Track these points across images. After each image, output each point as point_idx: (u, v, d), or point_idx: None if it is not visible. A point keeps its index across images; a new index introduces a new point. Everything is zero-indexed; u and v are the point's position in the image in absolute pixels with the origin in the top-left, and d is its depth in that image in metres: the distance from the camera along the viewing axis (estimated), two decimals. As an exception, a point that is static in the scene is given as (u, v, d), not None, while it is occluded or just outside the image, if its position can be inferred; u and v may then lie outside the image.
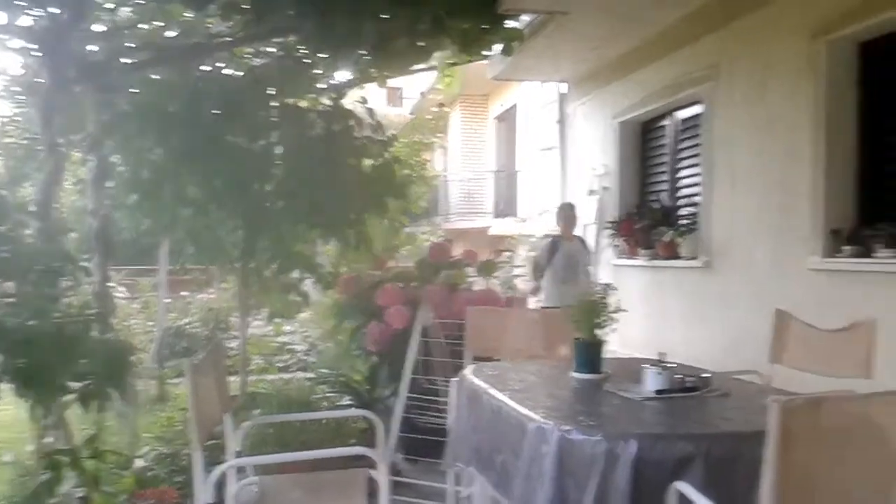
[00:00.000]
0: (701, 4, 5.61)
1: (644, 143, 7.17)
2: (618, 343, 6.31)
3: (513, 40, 4.81)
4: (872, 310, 3.48)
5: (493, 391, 2.83)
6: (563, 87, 8.40)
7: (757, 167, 5.17)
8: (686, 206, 6.32)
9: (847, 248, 4.35)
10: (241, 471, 3.07)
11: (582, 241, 6.84)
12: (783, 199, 4.89)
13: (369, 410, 3.84)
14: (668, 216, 6.43)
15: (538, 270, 6.69)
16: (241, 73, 4.77)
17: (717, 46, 5.60)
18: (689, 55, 5.96)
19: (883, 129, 4.39)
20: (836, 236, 4.46)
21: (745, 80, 5.31)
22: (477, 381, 3.03)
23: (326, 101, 4.82)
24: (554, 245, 6.66)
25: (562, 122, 8.43)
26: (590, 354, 3.12)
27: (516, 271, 12.17)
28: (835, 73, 4.50)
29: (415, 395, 4.58)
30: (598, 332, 3.12)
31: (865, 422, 1.65)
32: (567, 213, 6.80)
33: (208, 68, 4.79)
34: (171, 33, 4.68)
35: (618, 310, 3.11)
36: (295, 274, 5.05)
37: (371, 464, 2.85)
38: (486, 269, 5.50)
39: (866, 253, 4.22)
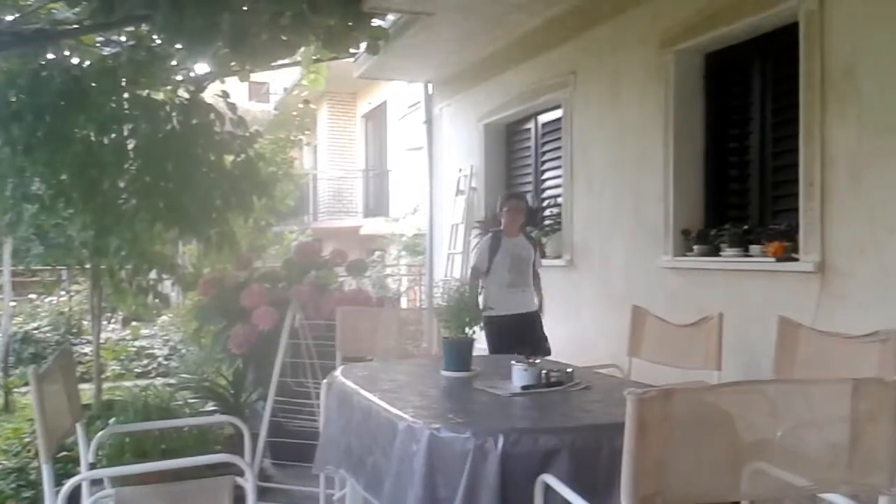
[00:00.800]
0: (558, 12, 5.80)
1: (509, 145, 7.34)
2: (482, 339, 6.43)
3: (378, 39, 4.79)
4: (719, 305, 3.72)
5: (363, 392, 2.81)
6: (430, 88, 8.46)
7: (612, 170, 5.42)
8: (550, 206, 6.52)
9: (696, 247, 4.63)
10: (96, 483, 2.90)
11: (528, 237, 5.57)
12: (637, 201, 5.14)
13: (235, 416, 3.72)
14: (533, 216, 6.60)
15: (476, 275, 5.40)
16: (89, 63, 4.48)
17: (574, 53, 5.82)
18: (549, 61, 6.15)
19: (727, 135, 4.71)
20: (686, 236, 4.74)
21: (600, 87, 5.55)
22: (347, 383, 3.00)
23: (184, 94, 4.62)
24: (494, 242, 5.37)
25: (429, 122, 8.49)
26: (459, 353, 3.15)
27: (388, 270, 12.20)
28: (682, 83, 4.78)
29: (284, 399, 4.48)
30: (466, 330, 3.15)
31: (714, 410, 1.75)
32: (513, 205, 5.46)
33: (52, 56, 4.47)
34: (9, 17, 4.34)
35: (486, 308, 3.16)
36: (153, 275, 4.81)
37: (238, 471, 2.76)
38: (357, 268, 5.46)
39: (713, 252, 4.51)
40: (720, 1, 4.36)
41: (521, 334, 5.03)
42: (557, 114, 6.23)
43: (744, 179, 4.58)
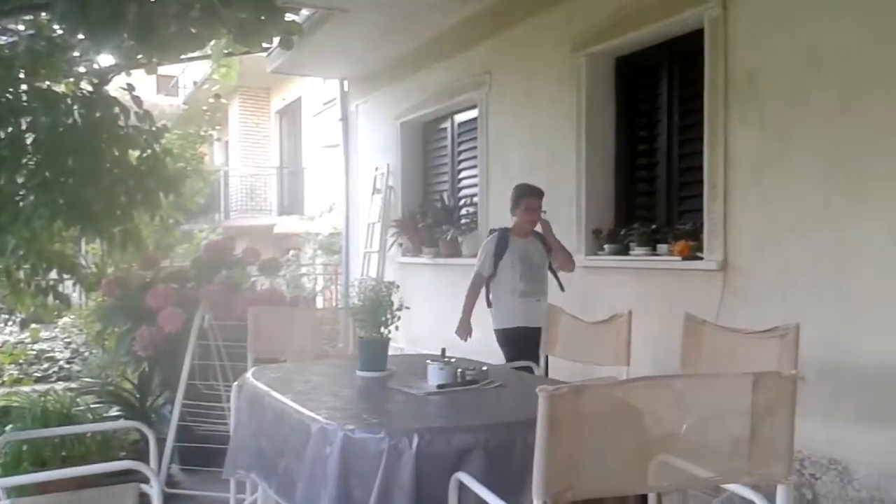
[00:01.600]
0: (473, 12, 5.84)
1: (426, 144, 7.35)
2: (405, 340, 6.43)
3: (292, 34, 4.69)
4: (629, 303, 3.82)
5: (275, 394, 2.75)
6: (346, 85, 8.39)
7: (527, 171, 5.48)
8: (467, 205, 6.56)
9: (607, 246, 4.74)
10: (-11, 496, 2.74)
11: (541, 237, 4.66)
12: (551, 201, 5.20)
13: (141, 421, 3.59)
14: (450, 215, 6.63)
15: (478, 283, 4.67)
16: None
17: (490, 54, 5.87)
18: (465, 60, 6.19)
19: (637, 138, 4.83)
20: (598, 236, 4.85)
21: (515, 88, 5.62)
22: (259, 385, 2.93)
23: (87, 87, 4.41)
24: (500, 243, 4.56)
25: (345, 119, 8.42)
26: (374, 352, 3.13)
27: (304, 269, 12.02)
28: (594, 85, 4.89)
29: (192, 402, 4.35)
30: (382, 329, 3.13)
31: (622, 405, 1.79)
32: (531, 204, 4.54)
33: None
34: None
35: (402, 307, 3.15)
36: (53, 275, 4.58)
37: (143, 478, 2.66)
38: (270, 268, 5.35)
39: (623, 251, 4.63)
40: (629, 6, 4.48)
41: (536, 346, 4.16)
42: (473, 113, 6.27)
43: (652, 181, 4.72)
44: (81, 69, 4.53)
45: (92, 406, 4.66)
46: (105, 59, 4.73)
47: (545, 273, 4.64)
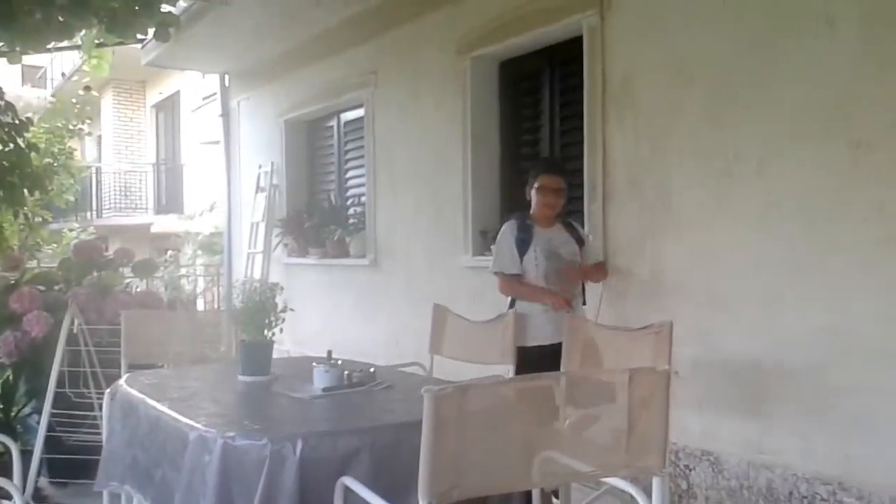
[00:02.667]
0: (358, 11, 5.80)
1: (311, 142, 7.24)
2: (291, 342, 6.30)
3: (168, 26, 4.51)
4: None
5: (150, 401, 2.63)
6: (227, 80, 8.15)
7: (414, 171, 5.50)
8: (354, 205, 6.50)
9: (493, 247, 4.80)
10: None
11: (571, 225, 3.76)
12: (438, 202, 5.26)
13: (4, 433, 3.35)
14: (337, 215, 6.56)
15: (507, 281, 3.69)
16: None
17: (375, 53, 5.85)
18: (350, 59, 6.14)
19: (521, 141, 4.93)
20: (484, 237, 4.91)
21: (401, 89, 5.62)
22: (133, 392, 2.79)
23: (-57, 76, 4.09)
24: (523, 234, 3.61)
25: (226, 115, 8.17)
26: (257, 356, 3.04)
27: (183, 271, 11.59)
28: (478, 89, 4.95)
29: (62, 412, 4.10)
30: (266, 332, 3.05)
31: (507, 403, 1.82)
32: (547, 182, 3.62)
33: None
34: None
35: (286, 309, 3.08)
36: None
37: (6, 494, 2.48)
38: (145, 269, 5.11)
39: (508, 250, 4.70)
40: (511, 12, 4.56)
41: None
42: (360, 113, 6.22)
43: (535, 182, 4.82)
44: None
45: (-54, 419, 4.32)
46: (-39, 46, 4.40)
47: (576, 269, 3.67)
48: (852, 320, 3.01)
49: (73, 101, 8.35)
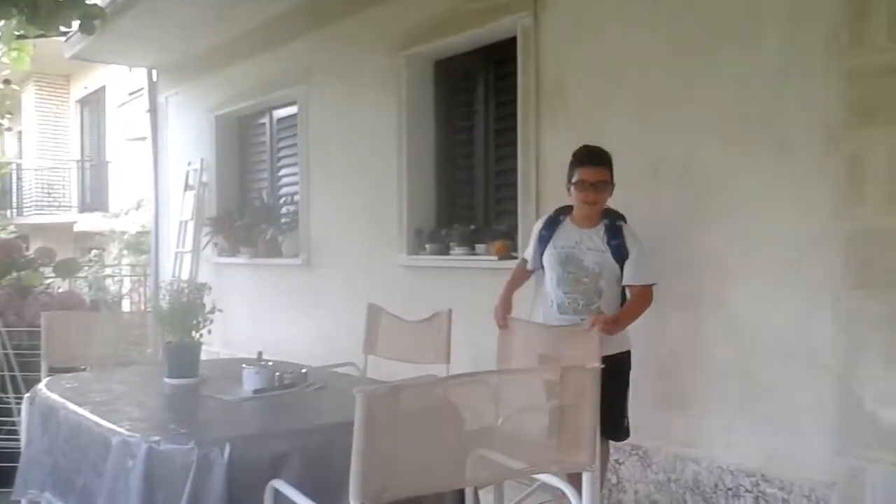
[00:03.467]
0: (290, 7, 5.71)
1: (243, 139, 7.10)
2: (221, 344, 6.17)
3: (94, 18, 4.36)
4: (451, 301, 3.87)
5: (71, 405, 2.54)
6: (154, 75, 7.93)
7: (349, 170, 5.46)
8: (287, 204, 6.41)
9: (428, 246, 4.81)
10: None
11: (619, 232, 3.12)
12: (373, 201, 5.22)
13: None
14: (269, 214, 6.46)
15: (519, 268, 3.44)
16: None
17: (309, 50, 5.78)
18: (283, 55, 6.05)
19: (456, 140, 4.94)
20: (419, 236, 4.91)
21: (336, 87, 5.56)
22: (53, 396, 2.69)
23: None
24: (549, 228, 3.23)
25: (153, 111, 7.95)
26: (184, 358, 2.96)
27: (108, 271, 11.25)
28: (414, 87, 4.94)
29: (-25, 418, 3.93)
30: (193, 333, 2.98)
31: (441, 403, 1.81)
32: (584, 172, 3.10)
33: None
34: None
35: (214, 309, 3.00)
36: None
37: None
38: (68, 269, 4.94)
39: (444, 251, 4.71)
40: (447, 11, 4.57)
41: None
42: (293, 109, 6.14)
43: (471, 182, 4.84)
44: None
45: None
46: None
47: (604, 286, 3.09)
48: (775, 319, 3.11)
49: (-9, 94, 8.00)
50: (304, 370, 2.93)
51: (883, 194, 2.73)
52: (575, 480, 1.99)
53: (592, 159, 3.11)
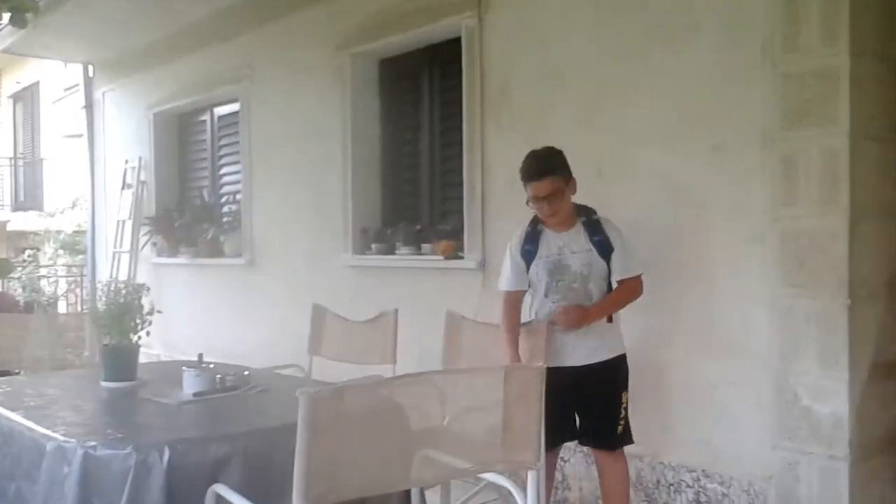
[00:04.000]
0: (232, 2, 5.61)
1: (183, 137, 6.95)
2: (162, 346, 6.04)
3: (25, 11, 4.21)
4: (397, 301, 3.87)
5: (3, 410, 2.47)
6: (91, 70, 7.71)
7: (293, 168, 5.39)
8: (229, 203, 6.30)
9: (374, 245, 4.78)
10: None
11: (598, 226, 2.97)
12: (318, 200, 5.17)
13: None
14: (210, 213, 6.34)
15: (512, 302, 3.05)
16: None
17: (252, 46, 5.69)
18: (225, 51, 5.94)
19: (402, 140, 4.92)
20: (365, 235, 4.87)
21: (280, 83, 5.49)
22: (-18, 402, 2.59)
23: None
24: (529, 239, 3.02)
25: (90, 107, 7.72)
26: (122, 360, 2.90)
27: (43, 271, 10.92)
28: (359, 86, 4.90)
29: None
30: (131, 335, 2.90)
31: (386, 403, 1.80)
32: (532, 189, 2.92)
33: None
34: None
35: (153, 311, 2.94)
36: None
37: None
38: (0, 269, 4.76)
39: (390, 250, 4.69)
40: (391, 9, 4.55)
41: (577, 400, 2.94)
42: (235, 107, 6.03)
43: (416, 182, 4.83)
44: None
45: None
46: None
47: (594, 288, 2.94)
48: (714, 317, 3.18)
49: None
50: (246, 372, 2.89)
51: (815, 195, 2.81)
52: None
53: (534, 175, 2.91)
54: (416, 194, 4.84)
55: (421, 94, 4.76)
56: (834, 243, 2.75)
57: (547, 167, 2.90)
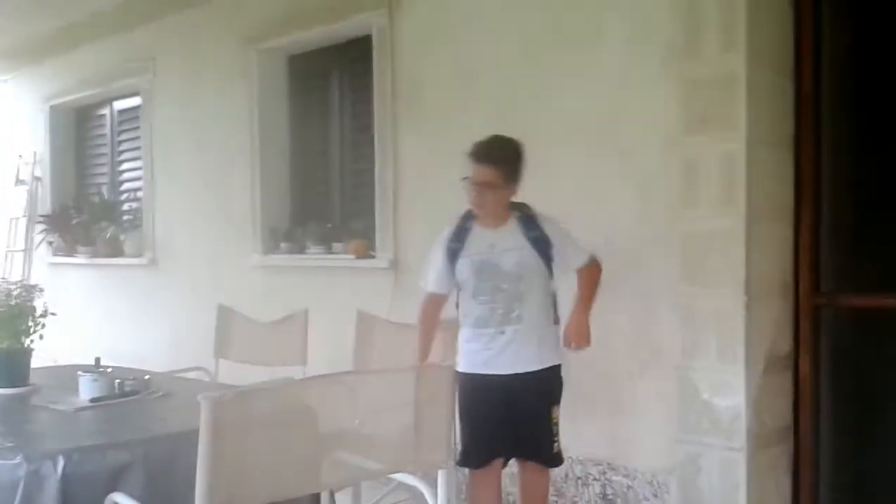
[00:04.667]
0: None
1: (80, 132, 6.65)
2: (57, 350, 5.74)
3: None
4: (307, 301, 3.81)
5: None
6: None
7: (198, 166, 5.24)
8: (129, 200, 6.08)
9: (284, 245, 4.70)
10: None
11: (533, 222, 2.78)
12: (224, 198, 5.04)
13: None
14: (110, 211, 6.10)
15: (433, 305, 2.89)
16: None
17: (154, 39, 5.50)
18: (126, 43, 5.72)
19: (312, 137, 4.85)
20: (274, 234, 4.78)
21: (183, 78, 5.33)
22: None
23: None
24: (458, 239, 2.81)
25: (-20, 99, 7.31)
26: (12, 365, 2.75)
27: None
28: (267, 82, 4.80)
29: None
30: (23, 339, 2.75)
31: (295, 406, 1.76)
32: (472, 171, 2.76)
33: None
34: None
35: (46, 313, 2.79)
36: None
37: None
38: None
39: (300, 250, 4.62)
40: (299, 4, 4.48)
41: (505, 411, 2.73)
42: (137, 101, 5.82)
43: (327, 180, 4.77)
44: None
45: None
46: None
47: (524, 289, 2.72)
48: (620, 314, 3.26)
49: None
50: (146, 377, 2.78)
51: (714, 198, 2.91)
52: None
53: (476, 157, 2.71)
54: (326, 193, 4.78)
55: (331, 92, 4.70)
56: (732, 244, 2.86)
57: (493, 156, 2.72)
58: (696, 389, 2.97)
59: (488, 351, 2.70)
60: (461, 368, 2.69)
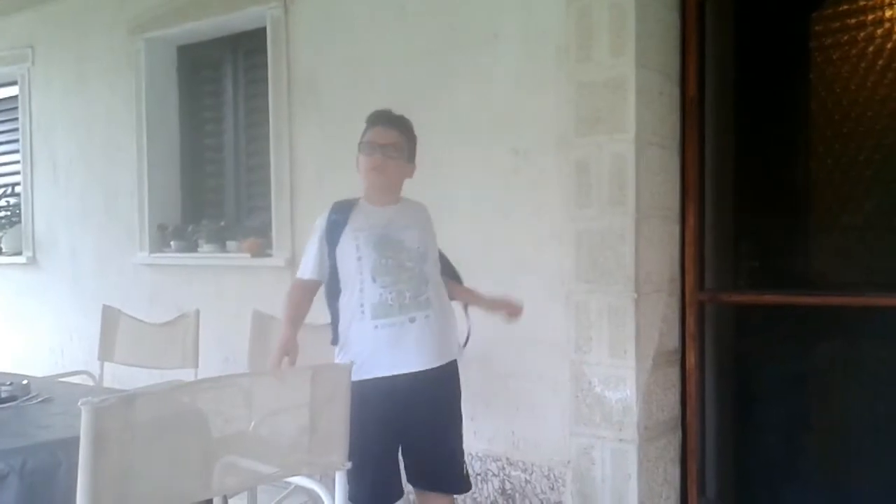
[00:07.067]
0: (11, -25, 5.12)
1: (-49, 122, 6.22)
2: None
3: None
4: (199, 301, 3.69)
5: None
6: None
7: (80, 160, 5.00)
8: (6, 195, 5.74)
9: (174, 243, 4.53)
10: None
11: (425, 212, 2.65)
12: (108, 193, 4.83)
13: None
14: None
15: (298, 290, 2.54)
16: None
17: (32, 26, 5.23)
18: (2, 29, 5.40)
19: (204, 132, 4.69)
20: (163, 232, 4.60)
21: (64, 68, 5.07)
22: None
23: None
24: (337, 219, 2.50)
25: None
26: None
27: None
28: (154, 74, 4.63)
29: None
30: None
31: (186, 410, 1.70)
32: (372, 135, 2.54)
33: None
34: None
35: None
36: None
37: None
38: None
39: (191, 248, 4.47)
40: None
41: (408, 417, 2.43)
42: (14, 91, 5.50)
43: (220, 176, 4.64)
44: None
45: None
46: None
47: (429, 271, 2.47)
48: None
49: None
50: (25, 381, 2.63)
51: (605, 198, 3.00)
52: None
53: (383, 120, 2.51)
54: (220, 189, 4.65)
55: (224, 85, 4.57)
56: (622, 242, 2.96)
57: (400, 124, 2.54)
58: (590, 384, 3.06)
59: (396, 345, 2.35)
60: (361, 374, 2.25)
